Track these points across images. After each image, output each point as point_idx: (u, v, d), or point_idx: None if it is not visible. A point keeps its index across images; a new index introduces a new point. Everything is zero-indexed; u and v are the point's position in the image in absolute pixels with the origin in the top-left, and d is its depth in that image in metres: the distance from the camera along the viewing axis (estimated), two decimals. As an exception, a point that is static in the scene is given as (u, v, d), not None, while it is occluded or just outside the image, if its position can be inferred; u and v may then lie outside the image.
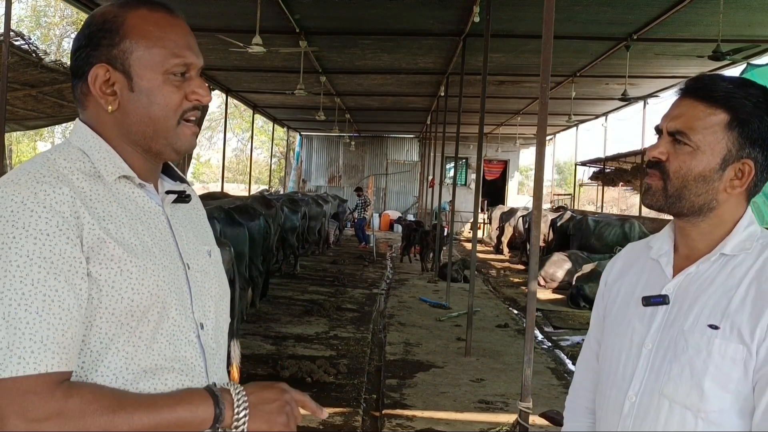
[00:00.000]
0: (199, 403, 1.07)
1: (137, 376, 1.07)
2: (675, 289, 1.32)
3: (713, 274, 1.29)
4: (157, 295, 1.09)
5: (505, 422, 4.69)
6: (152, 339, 1.09)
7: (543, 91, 3.84)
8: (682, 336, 1.26)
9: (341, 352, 6.65)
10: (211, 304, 1.22)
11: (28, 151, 28.34)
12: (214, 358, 1.19)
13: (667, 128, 1.29)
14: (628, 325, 1.37)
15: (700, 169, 1.26)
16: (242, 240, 7.16)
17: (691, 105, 1.28)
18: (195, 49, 1.17)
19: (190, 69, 1.16)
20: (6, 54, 5.25)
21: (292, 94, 11.78)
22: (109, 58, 1.12)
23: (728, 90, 1.26)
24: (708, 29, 8.55)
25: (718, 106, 1.25)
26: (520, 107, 16.85)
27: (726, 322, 1.22)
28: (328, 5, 8.20)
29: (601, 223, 12.94)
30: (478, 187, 7.79)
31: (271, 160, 25.85)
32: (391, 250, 16.75)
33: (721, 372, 1.21)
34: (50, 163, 1.09)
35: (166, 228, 1.18)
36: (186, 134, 1.17)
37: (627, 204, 32.86)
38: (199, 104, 1.17)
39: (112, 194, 1.12)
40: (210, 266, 1.25)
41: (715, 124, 1.25)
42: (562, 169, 43.00)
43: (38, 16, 23.99)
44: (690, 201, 1.28)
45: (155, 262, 1.11)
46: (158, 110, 1.14)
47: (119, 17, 1.13)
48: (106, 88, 1.13)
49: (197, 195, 1.38)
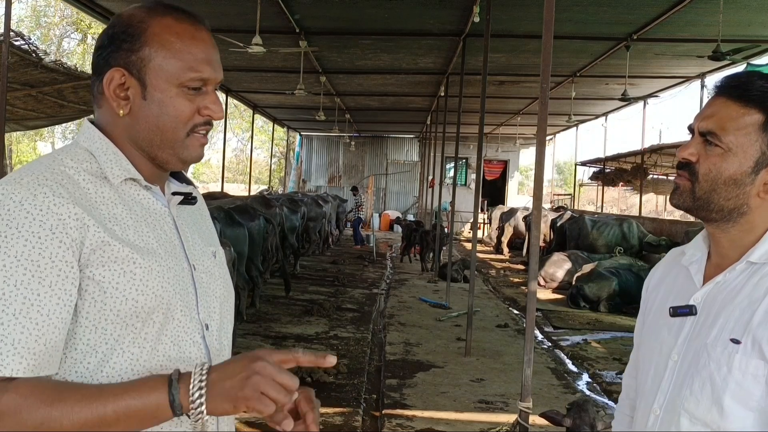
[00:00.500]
0: (151, 390, 1.00)
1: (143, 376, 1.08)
2: (703, 298, 1.27)
3: (740, 285, 1.22)
4: (162, 296, 1.09)
5: (505, 422, 4.69)
6: (157, 340, 1.09)
7: (543, 91, 3.84)
8: (704, 349, 1.21)
9: (341, 352, 6.65)
10: (216, 305, 1.22)
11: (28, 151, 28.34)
12: (218, 359, 1.19)
13: (699, 128, 1.23)
14: (658, 336, 1.33)
15: (731, 172, 1.20)
16: (242, 240, 7.16)
17: (725, 104, 1.21)
18: (215, 63, 1.17)
19: (206, 84, 1.15)
20: (6, 54, 5.25)
21: (292, 94, 11.79)
22: (127, 63, 1.12)
23: (764, 89, 1.19)
24: (708, 29, 8.55)
25: (752, 106, 1.19)
26: (520, 107, 16.86)
27: (747, 337, 1.16)
28: (328, 5, 8.21)
29: (598, 222, 12.94)
30: (478, 187, 7.80)
31: (271, 160, 25.86)
32: (391, 250, 16.76)
33: (742, 389, 1.15)
34: (57, 164, 1.10)
35: (172, 229, 1.19)
36: (194, 145, 1.17)
37: (627, 204, 32.87)
38: (211, 120, 1.17)
39: (118, 196, 1.12)
40: (215, 267, 1.26)
41: (749, 125, 1.19)
42: (562, 169, 42.99)
43: (38, 16, 23.99)
44: (719, 205, 1.22)
45: (160, 263, 1.11)
46: (168, 121, 1.13)
47: (143, 23, 1.13)
48: (119, 91, 1.13)
49: (202, 197, 1.39)
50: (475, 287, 7.26)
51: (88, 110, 9.36)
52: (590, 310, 9.55)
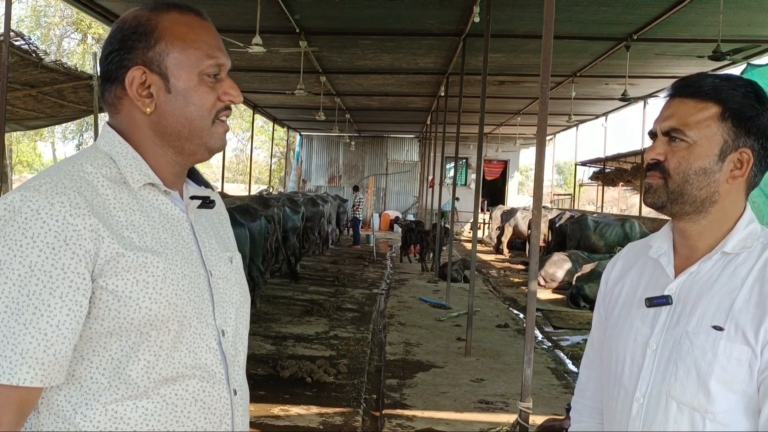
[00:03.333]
0: None
1: (158, 383, 1.08)
2: (677, 289, 1.32)
3: (716, 274, 1.29)
4: (176, 304, 1.09)
5: (505, 422, 4.70)
6: (173, 348, 1.10)
7: (543, 91, 3.84)
8: (686, 337, 1.26)
9: (341, 352, 6.65)
10: (232, 311, 1.22)
11: (28, 151, 28.36)
12: (234, 365, 1.20)
13: (661, 128, 1.30)
14: (631, 326, 1.37)
15: (699, 162, 1.26)
16: (243, 240, 7.16)
17: (682, 103, 1.29)
18: (224, 50, 1.19)
19: (221, 70, 1.17)
20: (6, 54, 5.24)
21: (292, 94, 11.79)
22: (146, 61, 1.13)
23: (715, 84, 1.27)
24: (708, 29, 8.55)
25: (708, 100, 1.26)
26: (520, 107, 16.85)
27: (730, 324, 1.22)
28: (328, 5, 8.20)
29: (600, 223, 12.94)
30: (478, 187, 7.79)
31: (271, 160, 25.85)
32: (391, 250, 16.76)
33: (727, 373, 1.21)
34: (77, 169, 1.10)
35: (190, 235, 1.19)
36: (220, 132, 1.19)
37: (627, 204, 32.87)
38: (232, 104, 1.19)
39: (137, 201, 1.13)
40: (231, 273, 1.26)
41: (708, 118, 1.26)
42: (562, 169, 43.02)
43: (38, 16, 23.97)
44: (692, 196, 1.27)
45: (175, 271, 1.11)
46: (195, 110, 1.15)
47: (152, 20, 1.14)
48: (142, 90, 1.13)
49: (221, 199, 1.39)
50: (475, 287, 7.25)
51: (88, 110, 9.35)
52: (590, 310, 9.53)
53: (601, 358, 1.48)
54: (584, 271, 10.19)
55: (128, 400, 1.06)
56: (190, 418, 1.11)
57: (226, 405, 1.16)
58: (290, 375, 5.65)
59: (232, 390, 1.18)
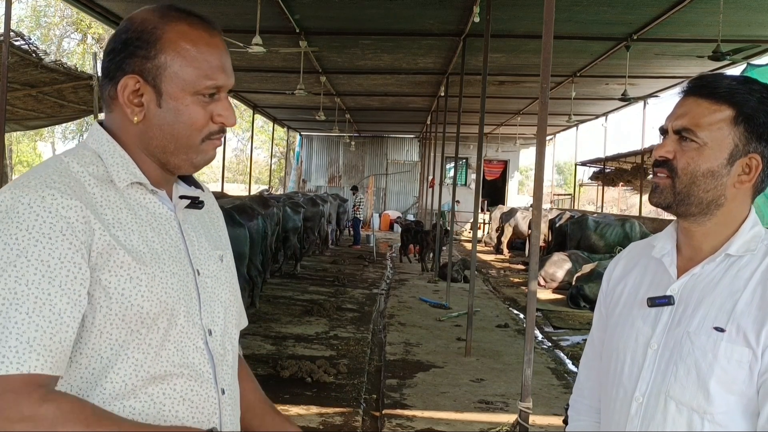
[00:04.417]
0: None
1: (146, 382, 1.08)
2: (680, 289, 1.32)
3: (719, 276, 1.28)
4: (166, 302, 1.09)
5: (505, 422, 4.69)
6: (161, 346, 1.10)
7: (543, 91, 3.84)
8: (687, 338, 1.26)
9: (341, 352, 6.65)
10: (221, 310, 1.22)
11: (28, 151, 28.35)
12: (222, 364, 1.19)
13: (673, 127, 1.29)
14: (632, 326, 1.37)
15: (708, 164, 1.25)
16: (242, 240, 7.16)
17: (696, 103, 1.27)
18: (228, 69, 1.17)
19: (219, 90, 1.16)
20: (6, 54, 5.25)
21: (292, 94, 11.79)
22: (142, 70, 1.11)
23: (731, 86, 1.26)
24: (708, 29, 8.55)
25: (722, 103, 1.25)
26: (520, 107, 16.85)
27: (732, 325, 1.22)
28: (328, 5, 8.20)
29: (601, 223, 12.94)
30: (478, 187, 7.79)
31: (271, 160, 25.85)
32: (391, 250, 16.76)
33: (727, 374, 1.21)
34: (63, 167, 1.10)
35: (177, 234, 1.18)
36: (207, 150, 1.17)
37: (627, 204, 32.85)
38: (224, 127, 1.17)
39: (124, 200, 1.12)
40: (221, 271, 1.25)
41: (721, 120, 1.25)
42: (562, 169, 43.01)
43: (38, 16, 23.98)
44: (698, 198, 1.27)
45: (163, 269, 1.11)
46: (182, 129, 1.14)
47: (158, 29, 1.12)
48: (133, 98, 1.13)
49: (214, 198, 1.38)
50: (475, 287, 7.25)
51: (88, 110, 9.36)
52: (590, 310, 9.53)
53: (600, 357, 1.48)
54: (584, 271, 10.19)
55: (116, 400, 1.06)
56: (178, 417, 1.11)
57: (213, 404, 1.16)
58: (290, 375, 5.65)
59: (220, 389, 1.17)
